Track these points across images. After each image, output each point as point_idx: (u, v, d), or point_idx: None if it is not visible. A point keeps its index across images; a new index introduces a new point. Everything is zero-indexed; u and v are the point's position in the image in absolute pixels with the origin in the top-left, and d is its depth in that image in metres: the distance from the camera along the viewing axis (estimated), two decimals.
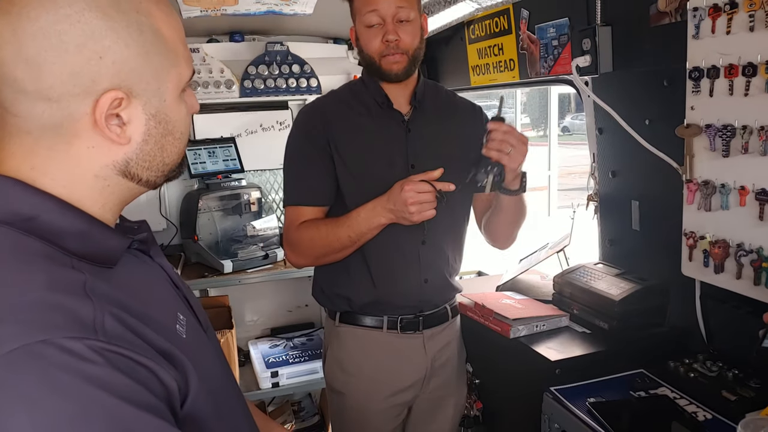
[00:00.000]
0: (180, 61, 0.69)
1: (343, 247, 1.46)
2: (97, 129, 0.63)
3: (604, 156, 1.72)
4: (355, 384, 1.57)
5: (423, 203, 1.36)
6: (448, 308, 1.62)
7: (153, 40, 0.65)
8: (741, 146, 1.16)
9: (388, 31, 1.43)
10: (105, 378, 0.52)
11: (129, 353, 0.55)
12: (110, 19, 0.61)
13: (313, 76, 2.69)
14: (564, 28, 1.66)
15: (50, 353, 0.51)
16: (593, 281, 1.56)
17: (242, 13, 2.24)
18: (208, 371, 0.70)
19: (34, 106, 0.61)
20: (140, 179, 0.69)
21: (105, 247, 0.65)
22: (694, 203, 1.28)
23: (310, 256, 1.52)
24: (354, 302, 1.54)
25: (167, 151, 0.70)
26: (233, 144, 2.68)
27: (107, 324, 0.56)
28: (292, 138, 1.56)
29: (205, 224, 2.60)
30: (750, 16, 1.10)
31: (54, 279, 0.57)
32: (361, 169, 1.49)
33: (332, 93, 1.63)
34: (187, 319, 0.74)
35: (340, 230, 1.44)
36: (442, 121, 1.57)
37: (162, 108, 0.68)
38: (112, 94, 0.62)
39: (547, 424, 1.31)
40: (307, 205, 1.51)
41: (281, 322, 2.98)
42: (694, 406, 1.20)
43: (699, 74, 1.22)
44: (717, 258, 1.24)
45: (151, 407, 0.55)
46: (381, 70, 1.47)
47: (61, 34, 0.59)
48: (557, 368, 1.34)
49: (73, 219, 0.64)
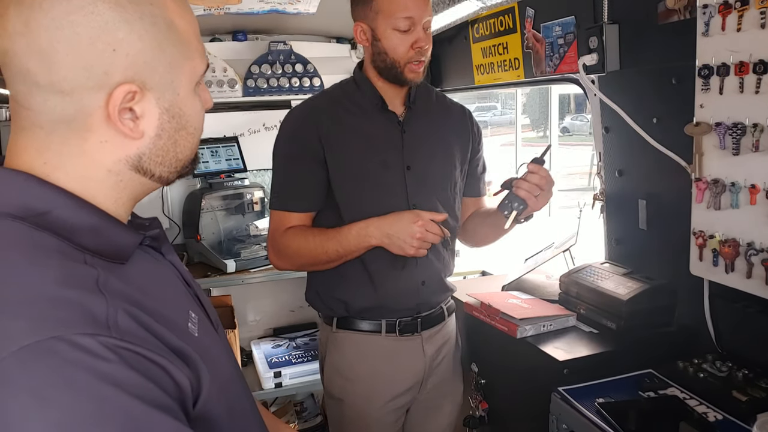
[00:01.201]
0: (194, 54, 0.68)
1: (330, 261, 1.46)
2: (110, 123, 0.63)
3: (610, 155, 1.71)
4: (355, 390, 1.56)
5: (425, 242, 1.39)
6: (443, 308, 1.63)
7: (167, 33, 0.64)
8: (752, 144, 1.15)
9: (421, 38, 1.42)
10: (118, 375, 0.52)
11: (142, 350, 0.55)
12: (124, 11, 0.60)
13: (316, 75, 2.69)
14: (570, 26, 1.66)
15: (62, 349, 0.50)
16: (600, 281, 1.55)
17: (245, 12, 2.24)
18: (219, 370, 0.69)
19: (47, 100, 0.60)
20: (153, 174, 0.68)
21: (117, 243, 0.64)
22: (704, 202, 1.27)
23: (294, 263, 1.52)
24: (352, 306, 1.53)
25: (180, 146, 0.69)
26: (236, 143, 2.68)
27: (120, 321, 0.55)
28: (281, 141, 1.52)
29: (208, 224, 2.60)
30: (761, 13, 1.09)
31: (67, 274, 0.56)
32: (356, 171, 1.47)
33: (324, 93, 1.60)
34: (199, 317, 0.73)
35: (328, 244, 1.44)
36: (435, 121, 1.57)
37: (176, 102, 0.67)
38: (126, 88, 0.61)
39: (555, 424, 1.30)
40: (293, 211, 1.49)
41: (284, 322, 2.97)
42: (704, 407, 1.19)
43: (708, 72, 1.21)
44: (727, 257, 1.23)
45: (163, 406, 0.54)
46: (401, 76, 1.45)
47: (74, 25, 0.58)
48: (565, 368, 1.33)
49: (86, 214, 0.63)
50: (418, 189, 1.50)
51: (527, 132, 16.96)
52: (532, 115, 17.61)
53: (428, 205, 1.50)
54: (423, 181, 1.51)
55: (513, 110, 12.15)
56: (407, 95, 1.53)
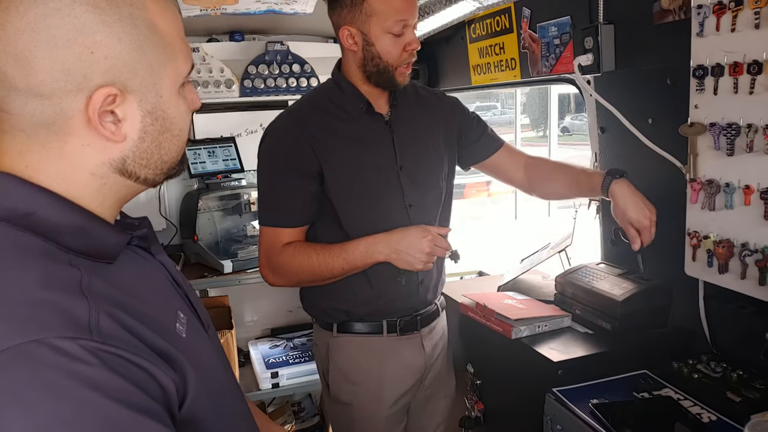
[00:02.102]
0: (177, 55, 0.67)
1: (333, 277, 1.44)
2: (91, 126, 0.62)
3: (606, 155, 1.71)
4: (364, 393, 1.55)
5: (433, 256, 1.40)
6: (437, 304, 1.64)
7: (148, 34, 0.63)
8: (746, 145, 1.15)
9: (413, 40, 1.41)
10: (99, 379, 0.51)
11: (125, 354, 0.54)
12: (102, 13, 0.60)
13: (313, 75, 2.68)
14: (566, 26, 1.65)
15: (42, 353, 0.50)
16: (595, 281, 1.55)
17: (242, 13, 2.23)
18: (208, 371, 0.69)
19: (26, 103, 0.60)
20: (138, 177, 0.68)
21: (103, 243, 0.64)
22: (698, 202, 1.27)
23: (292, 280, 1.49)
24: (354, 313, 1.52)
25: (165, 149, 0.68)
26: (233, 144, 2.68)
27: (102, 323, 0.54)
28: (268, 156, 1.47)
29: (205, 224, 2.59)
30: (755, 13, 1.09)
31: (49, 276, 0.56)
32: (353, 178, 1.45)
33: (306, 101, 1.54)
34: (188, 317, 0.72)
35: (333, 261, 1.41)
36: (418, 116, 1.56)
37: (158, 104, 0.66)
38: (106, 90, 0.61)
39: (549, 425, 1.30)
40: (287, 226, 1.45)
41: (281, 322, 2.97)
42: (699, 408, 1.19)
43: (703, 72, 1.21)
44: (721, 258, 1.23)
45: (146, 410, 0.54)
46: (393, 80, 1.44)
47: (51, 28, 0.58)
48: (560, 369, 1.33)
49: (71, 214, 0.62)
50: (412, 188, 1.50)
51: (527, 132, 16.95)
52: (532, 115, 17.60)
53: (423, 203, 1.51)
54: (416, 179, 1.51)
55: (513, 110, 12.13)
56: (390, 95, 1.52)
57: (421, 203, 1.51)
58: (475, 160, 1.68)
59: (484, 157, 1.67)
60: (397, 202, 1.49)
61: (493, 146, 1.67)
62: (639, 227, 1.38)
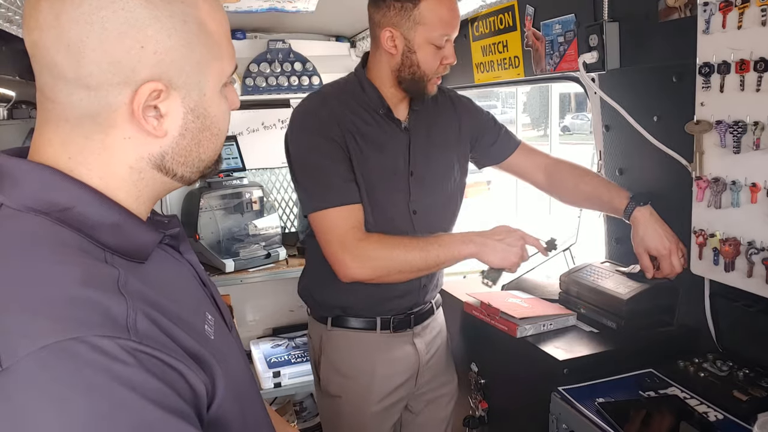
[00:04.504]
0: (223, 54, 0.67)
1: (420, 270, 1.39)
2: (134, 120, 0.62)
3: (610, 153, 1.71)
4: (353, 387, 1.56)
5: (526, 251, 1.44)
6: (432, 303, 1.65)
7: (197, 32, 0.64)
8: (753, 142, 1.14)
9: (451, 55, 1.43)
10: (135, 379, 0.51)
11: (160, 354, 0.54)
12: (154, 8, 0.60)
13: (315, 74, 2.68)
14: (570, 24, 1.65)
15: (82, 351, 0.50)
16: (600, 280, 1.55)
17: (244, 11, 2.22)
18: (234, 374, 0.68)
19: (73, 93, 0.60)
20: (175, 174, 0.68)
21: (138, 241, 0.64)
22: (704, 200, 1.26)
23: (379, 272, 1.37)
24: (350, 308, 1.53)
25: (204, 147, 0.69)
26: (235, 142, 2.67)
27: (139, 324, 0.54)
28: (308, 138, 1.40)
29: (207, 223, 2.59)
30: (762, 10, 1.08)
31: (88, 274, 0.55)
32: (367, 178, 1.44)
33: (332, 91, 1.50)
34: (215, 318, 0.72)
35: (430, 248, 1.36)
36: (434, 123, 1.56)
37: (201, 102, 0.66)
38: (152, 85, 0.61)
39: (555, 424, 1.30)
40: (355, 202, 1.38)
41: (283, 321, 2.97)
42: (705, 406, 1.19)
43: (709, 70, 1.20)
44: (727, 256, 1.22)
45: (178, 411, 0.54)
46: (425, 89, 1.44)
47: (104, 20, 0.58)
48: (565, 368, 1.33)
49: (109, 211, 0.63)
50: (420, 195, 1.51)
51: (528, 131, 16.96)
52: (533, 114, 17.60)
53: (427, 211, 1.52)
54: (423, 184, 1.51)
55: (513, 109, 12.12)
56: (411, 100, 1.52)
57: (426, 210, 1.51)
58: (490, 162, 1.69)
59: (500, 159, 1.67)
60: (402, 205, 1.49)
61: (509, 149, 1.67)
62: (656, 255, 1.40)
